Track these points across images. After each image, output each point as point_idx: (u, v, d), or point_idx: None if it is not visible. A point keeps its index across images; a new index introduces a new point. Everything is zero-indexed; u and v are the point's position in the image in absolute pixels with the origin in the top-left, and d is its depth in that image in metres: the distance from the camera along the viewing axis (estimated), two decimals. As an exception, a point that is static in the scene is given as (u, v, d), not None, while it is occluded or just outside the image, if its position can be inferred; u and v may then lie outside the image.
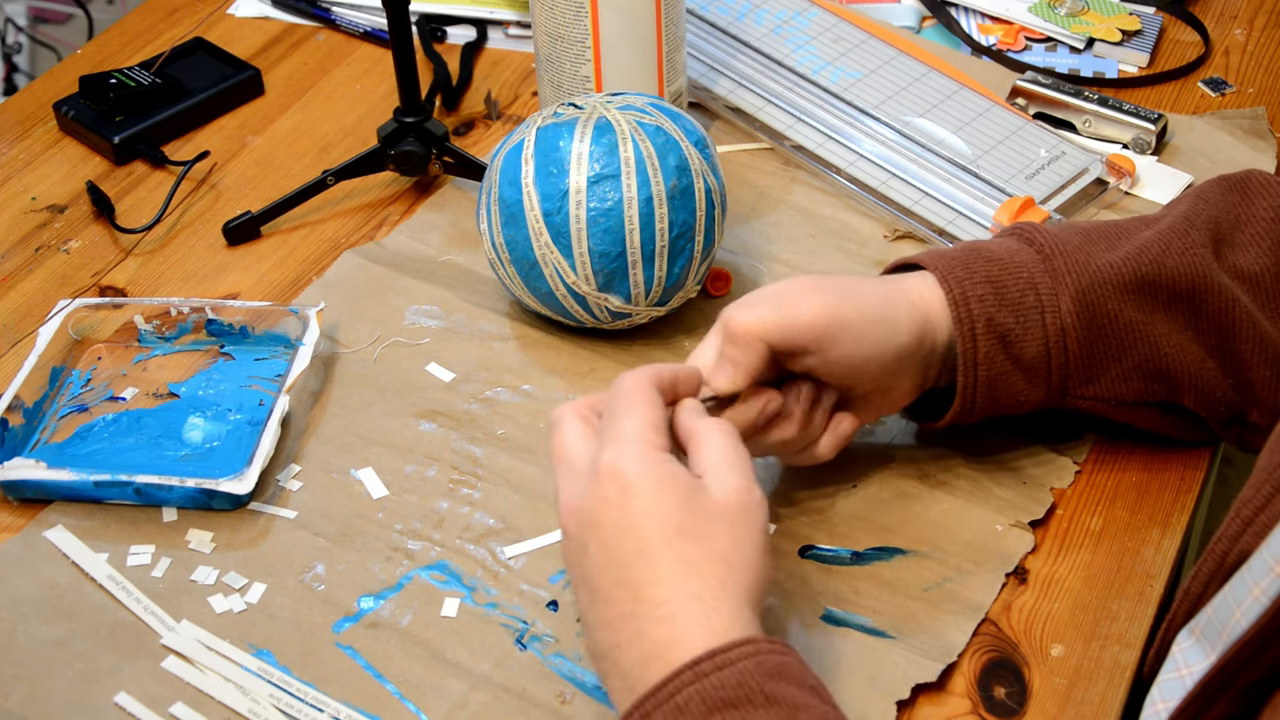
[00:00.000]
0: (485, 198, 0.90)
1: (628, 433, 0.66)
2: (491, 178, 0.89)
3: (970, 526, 0.81)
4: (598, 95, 0.89)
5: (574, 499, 0.66)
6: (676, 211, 0.86)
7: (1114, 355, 0.79)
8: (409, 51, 0.99)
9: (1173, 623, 0.70)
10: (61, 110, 1.11)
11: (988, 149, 1.03)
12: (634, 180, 0.85)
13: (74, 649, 0.75)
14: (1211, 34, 1.19)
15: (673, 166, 0.86)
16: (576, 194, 0.85)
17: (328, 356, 0.92)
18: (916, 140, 1.04)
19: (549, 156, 0.86)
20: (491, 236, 0.89)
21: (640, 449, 0.65)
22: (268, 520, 0.82)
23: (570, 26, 0.98)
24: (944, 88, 1.09)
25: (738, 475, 0.66)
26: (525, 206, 0.86)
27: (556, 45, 0.99)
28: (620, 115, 0.87)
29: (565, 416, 0.69)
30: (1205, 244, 0.79)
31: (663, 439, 0.67)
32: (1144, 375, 0.79)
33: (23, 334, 0.95)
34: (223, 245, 1.02)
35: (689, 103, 1.07)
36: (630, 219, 0.85)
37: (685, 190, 0.86)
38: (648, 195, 0.85)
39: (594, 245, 0.85)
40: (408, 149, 1.02)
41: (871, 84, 1.09)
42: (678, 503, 0.64)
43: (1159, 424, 0.82)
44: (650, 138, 0.86)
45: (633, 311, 0.89)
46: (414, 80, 1.01)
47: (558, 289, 0.88)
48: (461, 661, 0.75)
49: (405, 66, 1.00)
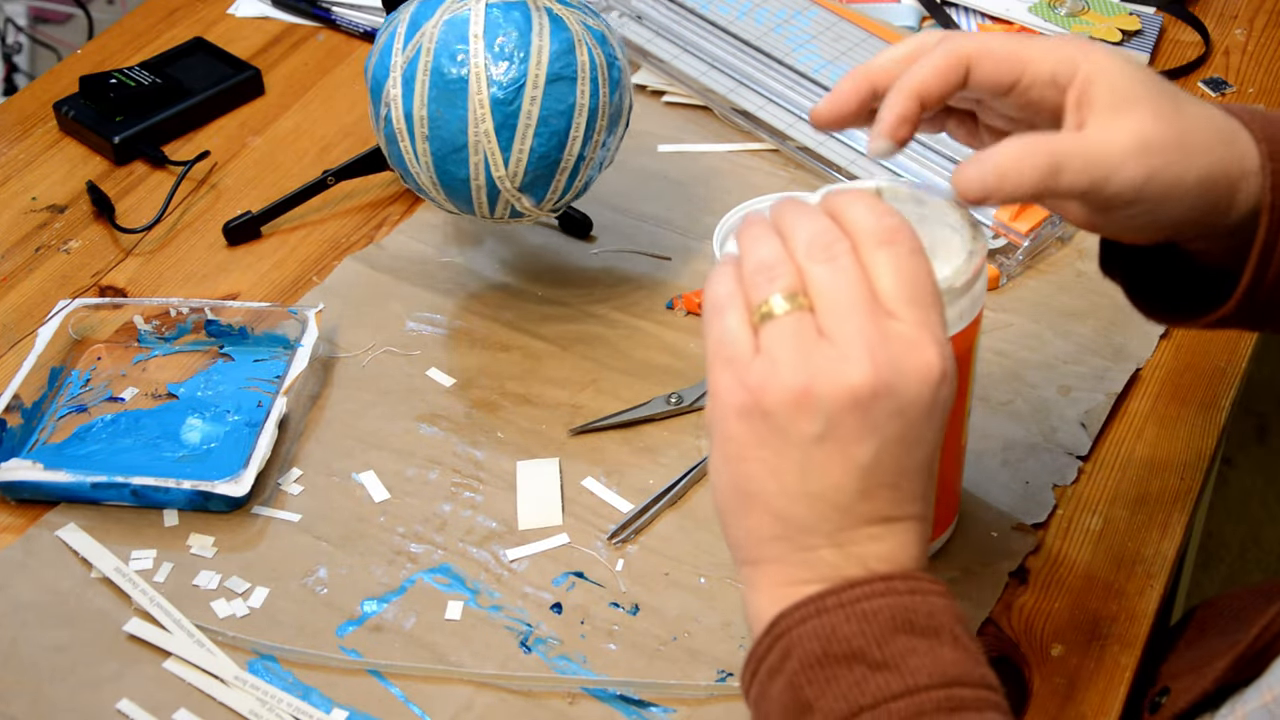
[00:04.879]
0: (404, 61, 0.84)
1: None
2: (423, 43, 0.83)
3: (971, 526, 0.81)
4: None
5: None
6: (612, 124, 0.86)
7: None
8: (409, 52, 0.99)
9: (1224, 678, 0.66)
10: (62, 110, 1.11)
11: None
12: (587, 87, 0.84)
13: (76, 655, 0.75)
14: (1212, 34, 1.19)
15: (616, 80, 0.86)
16: (534, 88, 0.82)
17: (327, 360, 0.92)
18: (918, 139, 1.04)
19: (504, 41, 0.82)
20: (408, 107, 0.84)
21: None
22: (270, 524, 0.82)
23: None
24: (944, 87, 1.08)
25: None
26: (472, 88, 0.82)
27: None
28: (567, 13, 0.85)
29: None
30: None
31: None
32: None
33: (22, 334, 0.95)
34: (223, 245, 1.02)
35: (692, 104, 1.07)
36: (577, 125, 0.83)
37: (617, 106, 0.86)
38: (595, 104, 0.84)
39: (536, 145, 0.83)
40: (408, 149, 1.02)
41: (871, 83, 1.09)
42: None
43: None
44: (600, 44, 0.85)
45: (532, 214, 0.87)
46: (414, 80, 1.00)
47: (476, 179, 0.84)
48: (466, 664, 0.75)
49: (405, 67, 0.99)
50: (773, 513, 0.56)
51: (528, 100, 0.82)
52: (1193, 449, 0.86)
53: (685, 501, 0.84)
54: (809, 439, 0.54)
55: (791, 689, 0.55)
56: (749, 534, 0.57)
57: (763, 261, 0.56)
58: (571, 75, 0.83)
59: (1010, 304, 0.95)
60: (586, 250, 1.00)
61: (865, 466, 0.55)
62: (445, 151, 0.84)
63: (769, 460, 0.55)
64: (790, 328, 0.55)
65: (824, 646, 0.54)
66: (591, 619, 0.77)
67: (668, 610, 0.78)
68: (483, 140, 0.82)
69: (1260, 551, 1.94)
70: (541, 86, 0.82)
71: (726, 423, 0.56)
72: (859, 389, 0.54)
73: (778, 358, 0.55)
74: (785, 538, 0.56)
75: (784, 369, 0.54)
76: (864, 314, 0.54)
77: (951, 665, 0.54)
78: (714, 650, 0.76)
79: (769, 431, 0.55)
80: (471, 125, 0.82)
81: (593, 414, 0.88)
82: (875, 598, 0.55)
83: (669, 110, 1.13)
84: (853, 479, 0.55)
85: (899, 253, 0.56)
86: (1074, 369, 0.90)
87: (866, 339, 0.54)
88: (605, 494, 0.84)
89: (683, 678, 0.74)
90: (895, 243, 0.56)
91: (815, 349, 0.54)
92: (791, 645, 0.55)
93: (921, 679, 0.53)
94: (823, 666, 0.54)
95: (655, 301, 0.96)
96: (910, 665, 0.54)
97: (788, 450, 0.55)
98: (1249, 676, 0.64)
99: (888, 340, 0.54)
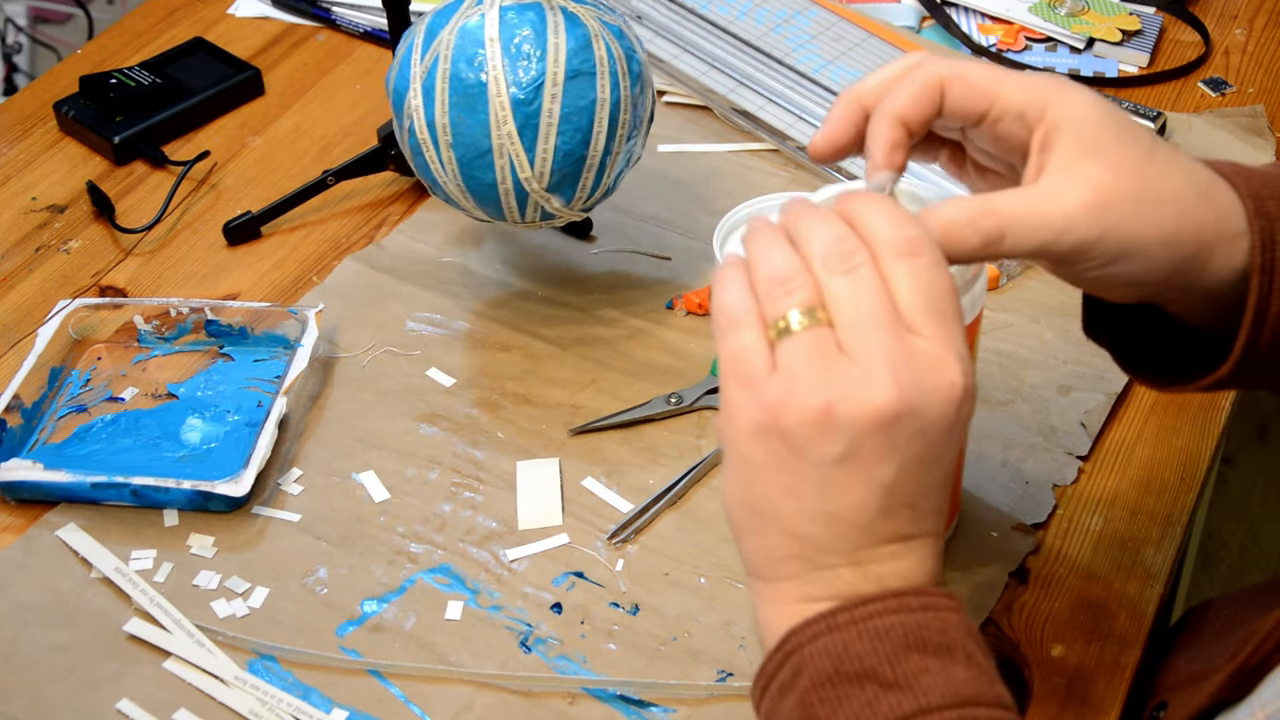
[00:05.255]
0: (422, 71, 0.84)
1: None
2: (440, 51, 0.83)
3: (971, 526, 0.81)
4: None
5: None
6: (635, 117, 0.85)
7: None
8: (409, 52, 0.99)
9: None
10: (62, 110, 1.11)
11: (988, 149, 1.03)
12: (607, 81, 0.83)
13: (76, 655, 0.75)
14: (1212, 34, 1.19)
15: (636, 74, 0.85)
16: (553, 86, 0.81)
17: (327, 360, 0.92)
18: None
19: (520, 41, 0.82)
20: (430, 116, 0.84)
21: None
22: (270, 524, 0.82)
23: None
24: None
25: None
26: (491, 91, 0.82)
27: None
28: (582, 10, 0.85)
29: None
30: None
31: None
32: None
33: (23, 334, 0.95)
34: (223, 245, 1.02)
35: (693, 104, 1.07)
36: (600, 120, 0.83)
37: (639, 99, 0.86)
38: (617, 99, 0.84)
39: (561, 143, 0.83)
40: (408, 149, 1.02)
41: (871, 83, 1.09)
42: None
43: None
44: (617, 39, 0.85)
45: (563, 215, 0.87)
46: (414, 80, 1.00)
47: (504, 182, 0.84)
48: (466, 664, 0.75)
49: (405, 67, 0.99)
50: (789, 532, 0.55)
51: (548, 99, 0.82)
52: (1193, 449, 0.86)
53: (685, 501, 0.84)
54: (829, 460, 0.53)
55: (803, 707, 0.54)
56: (763, 551, 0.56)
57: (776, 272, 0.55)
58: (590, 70, 0.83)
59: (1010, 304, 0.95)
60: (586, 250, 1.00)
61: (886, 487, 0.54)
62: (470, 157, 0.84)
63: (786, 482, 0.54)
64: (809, 345, 0.53)
65: (836, 665, 0.54)
66: (591, 619, 0.77)
67: (668, 610, 0.78)
68: (506, 143, 0.82)
69: (1260, 551, 1.94)
70: (561, 84, 0.82)
71: (742, 442, 0.55)
72: (882, 410, 0.52)
73: (797, 376, 0.53)
74: (802, 556, 0.55)
75: (803, 388, 0.53)
76: (886, 330, 0.53)
77: (964, 685, 0.54)
78: (714, 650, 0.76)
79: (787, 452, 0.54)
80: (494, 129, 0.82)
81: (593, 414, 0.88)
82: (888, 615, 0.54)
83: (669, 110, 1.13)
84: (874, 499, 0.54)
85: (921, 265, 0.54)
86: (1074, 369, 0.90)
87: (889, 357, 0.53)
88: (605, 494, 0.84)
89: (683, 678, 0.74)
90: (917, 255, 0.54)
91: (835, 367, 0.53)
92: (803, 663, 0.54)
93: (934, 699, 0.53)
94: (834, 685, 0.54)
95: (655, 301, 0.96)
96: (923, 685, 0.53)
97: (806, 471, 0.54)
98: (1244, 693, 0.64)
99: (911, 359, 0.53)
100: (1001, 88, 0.59)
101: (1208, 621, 0.77)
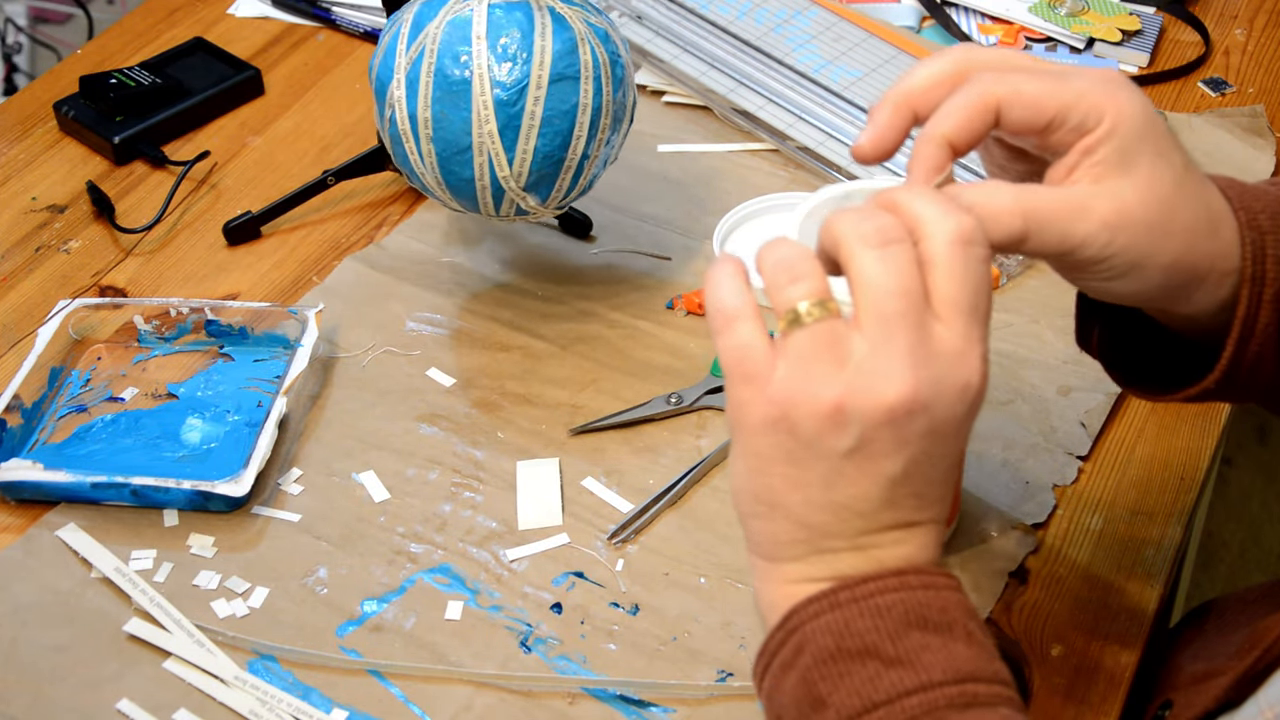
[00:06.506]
0: (407, 62, 0.84)
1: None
2: (427, 44, 0.83)
3: (971, 526, 0.81)
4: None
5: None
6: (616, 122, 0.86)
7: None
8: (409, 52, 0.99)
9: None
10: (62, 110, 1.11)
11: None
12: (590, 86, 0.83)
13: (76, 655, 0.75)
14: (1212, 34, 1.19)
15: (619, 78, 0.85)
16: (537, 89, 0.82)
17: (327, 360, 0.92)
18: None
19: (506, 42, 0.82)
20: (413, 108, 0.84)
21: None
22: (270, 524, 0.82)
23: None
24: (944, 87, 1.08)
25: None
26: (475, 89, 0.82)
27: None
28: (570, 12, 0.85)
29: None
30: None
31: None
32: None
33: (23, 334, 0.95)
34: (223, 245, 1.02)
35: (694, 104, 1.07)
36: (581, 125, 0.83)
37: (620, 104, 0.86)
38: (599, 104, 0.84)
39: (541, 145, 0.83)
40: (408, 149, 1.02)
41: (872, 83, 1.09)
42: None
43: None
44: (603, 42, 0.85)
45: (538, 212, 0.87)
46: (414, 80, 1.00)
47: (481, 179, 0.84)
48: (466, 664, 0.75)
49: (405, 67, 0.99)
50: (795, 520, 0.56)
51: (531, 101, 0.82)
52: (1193, 449, 0.86)
53: (685, 501, 0.84)
54: (838, 453, 0.53)
55: (805, 684, 0.54)
56: (768, 535, 0.57)
57: (782, 259, 0.54)
58: (575, 75, 0.83)
59: (1010, 304, 0.95)
60: (586, 250, 1.00)
61: (893, 479, 0.54)
62: (450, 152, 0.84)
63: (793, 474, 0.54)
64: (821, 336, 0.53)
65: (837, 641, 0.54)
66: (591, 619, 0.77)
67: (668, 610, 0.78)
68: (487, 141, 0.82)
69: (1260, 551, 1.94)
70: (545, 87, 0.82)
71: (750, 436, 0.55)
72: (895, 405, 0.52)
73: (808, 369, 0.53)
74: (806, 541, 0.56)
75: (815, 382, 0.53)
76: (909, 318, 0.52)
77: (965, 661, 0.54)
78: (714, 650, 0.76)
79: (796, 445, 0.54)
80: (475, 126, 0.82)
81: (593, 414, 0.88)
82: (889, 593, 0.54)
83: (669, 110, 1.13)
84: (880, 490, 0.54)
85: (974, 256, 0.53)
86: (1074, 369, 0.90)
87: (909, 348, 0.52)
88: (605, 494, 0.84)
89: (683, 678, 0.74)
90: (973, 244, 0.53)
91: (849, 359, 0.53)
92: (805, 640, 0.55)
93: (935, 675, 0.53)
94: (836, 661, 0.54)
95: (655, 301, 0.96)
96: (924, 661, 0.53)
97: (814, 463, 0.54)
98: (1248, 694, 0.64)
99: (931, 353, 0.53)
100: (1060, 102, 0.58)
101: (1212, 620, 0.77)
